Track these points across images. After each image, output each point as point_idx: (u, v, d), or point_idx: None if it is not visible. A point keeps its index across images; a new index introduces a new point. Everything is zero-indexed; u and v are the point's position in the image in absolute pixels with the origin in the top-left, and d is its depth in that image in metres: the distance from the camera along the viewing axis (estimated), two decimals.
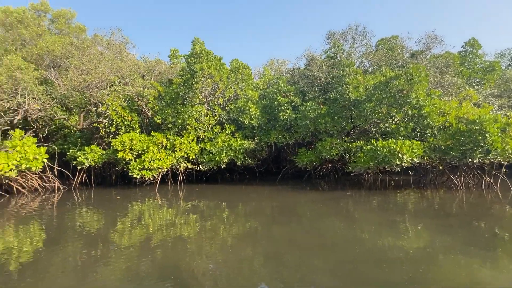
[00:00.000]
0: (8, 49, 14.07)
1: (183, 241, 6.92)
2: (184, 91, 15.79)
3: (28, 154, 11.77)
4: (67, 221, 9.07)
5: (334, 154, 13.27)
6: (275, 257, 5.82)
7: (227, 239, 7.05)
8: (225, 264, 5.52)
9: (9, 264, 5.57)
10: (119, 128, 16.38)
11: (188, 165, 16.20)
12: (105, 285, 4.73)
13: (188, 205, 11.23)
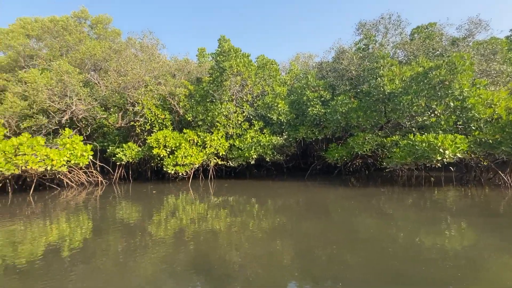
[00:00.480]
0: (55, 55, 15.46)
1: (214, 234, 7.12)
2: (213, 88, 16.16)
3: (77, 151, 12.86)
4: (110, 212, 9.81)
5: (367, 150, 12.82)
6: (305, 252, 5.78)
7: (257, 233, 7.13)
8: (255, 258, 5.57)
9: (63, 250, 6.21)
10: (153, 126, 17.24)
11: (218, 161, 16.64)
12: (143, 272, 5.05)
13: (218, 200, 11.53)
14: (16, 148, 11.13)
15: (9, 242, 6.81)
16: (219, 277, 4.83)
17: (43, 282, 4.75)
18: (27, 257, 5.80)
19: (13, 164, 11.12)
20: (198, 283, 4.72)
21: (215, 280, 4.73)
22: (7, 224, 8.38)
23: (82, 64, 15.60)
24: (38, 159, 11.48)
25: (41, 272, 5.12)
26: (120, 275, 4.96)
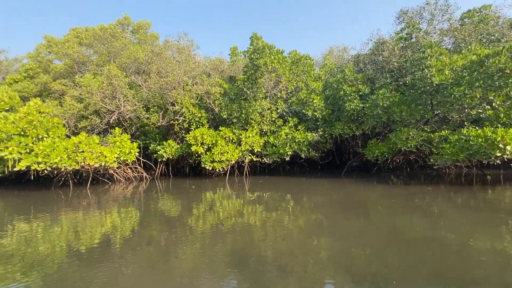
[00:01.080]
0: (104, 60, 16.89)
1: (250, 229, 7.21)
2: (248, 86, 16.38)
3: (125, 148, 13.95)
4: (153, 205, 10.48)
5: (411, 146, 12.06)
6: (342, 251, 5.61)
7: (292, 230, 7.07)
8: (291, 254, 5.53)
9: (115, 238, 6.82)
10: (191, 124, 18.02)
11: (252, 157, 16.89)
12: (184, 263, 5.33)
13: (253, 196, 11.68)
14: (76, 146, 12.41)
15: (72, 229, 7.65)
16: (254, 271, 4.89)
17: (98, 265, 5.28)
18: (86, 243, 6.44)
19: (74, 160, 12.41)
20: (233, 276, 4.83)
21: (250, 274, 4.80)
22: (70, 214, 9.39)
23: (126, 68, 16.81)
24: (94, 156, 12.69)
25: (96, 257, 5.67)
26: (163, 264, 5.29)
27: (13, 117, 11.65)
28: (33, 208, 10.60)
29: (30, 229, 7.79)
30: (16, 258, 5.77)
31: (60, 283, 4.69)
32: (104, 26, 17.73)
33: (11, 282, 4.76)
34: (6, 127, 11.35)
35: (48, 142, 11.67)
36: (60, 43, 18.00)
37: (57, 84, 15.86)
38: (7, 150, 11.40)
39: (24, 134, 12.03)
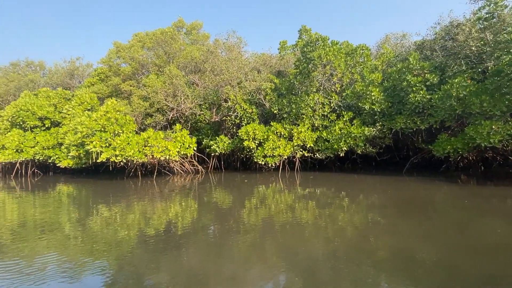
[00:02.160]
0: (164, 61, 18.29)
1: (301, 225, 7.06)
2: (300, 80, 16.12)
3: (186, 143, 14.96)
4: (209, 197, 11.05)
5: (495, 141, 10.56)
6: (402, 255, 5.10)
7: (346, 228, 6.72)
8: (344, 253, 5.23)
9: (177, 225, 7.39)
10: (242, 120, 18.49)
11: (304, 153, 16.66)
12: (236, 252, 5.45)
13: (305, 191, 11.50)
14: (145, 141, 13.73)
15: (142, 215, 8.52)
16: (304, 268, 4.73)
17: (163, 250, 5.71)
18: (153, 229, 7.10)
19: (143, 153, 13.75)
20: (282, 270, 4.76)
21: (300, 271, 4.66)
22: (140, 201, 10.48)
23: (183, 68, 17.91)
24: (160, 150, 13.89)
25: (162, 242, 6.19)
26: (218, 253, 5.49)
27: (95, 115, 13.35)
28: (111, 195, 12.09)
29: (110, 213, 8.86)
30: (99, 237, 6.59)
31: (131, 263, 5.13)
32: (164, 30, 19.14)
33: (94, 258, 5.44)
34: (91, 124, 13.06)
35: (124, 137, 13.12)
36: (127, 48, 19.95)
37: (125, 85, 17.71)
38: (91, 144, 13.13)
39: (103, 130, 13.70)
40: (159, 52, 19.11)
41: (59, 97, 21.51)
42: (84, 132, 12.82)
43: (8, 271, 5.02)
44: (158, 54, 19.98)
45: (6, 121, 20.72)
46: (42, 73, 30.76)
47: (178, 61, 17.66)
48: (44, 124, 20.57)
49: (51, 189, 15.01)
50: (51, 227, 7.57)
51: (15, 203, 11.26)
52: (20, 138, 19.50)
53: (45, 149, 19.39)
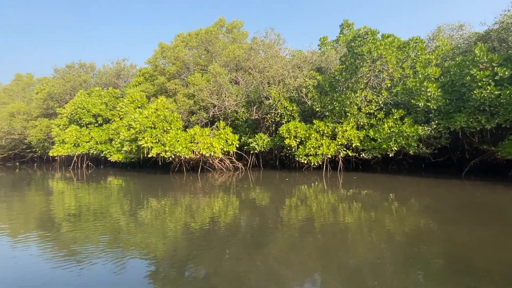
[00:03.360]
0: (208, 60, 18.76)
1: (344, 227, 6.65)
2: (346, 77, 15.46)
3: (229, 140, 15.16)
4: (249, 194, 11.06)
5: None
6: (459, 264, 4.55)
7: (394, 233, 6.13)
8: (392, 261, 4.74)
9: (219, 221, 7.50)
10: (282, 118, 18.28)
11: (348, 152, 15.99)
12: (274, 251, 5.30)
13: (349, 192, 10.98)
14: (192, 137, 14.16)
15: (188, 209, 8.78)
16: (346, 273, 4.40)
17: (206, 244, 5.75)
18: (197, 223, 7.26)
19: (190, 150, 14.20)
20: (321, 273, 4.50)
21: (341, 276, 4.33)
22: (187, 195, 10.85)
23: (225, 66, 18.18)
24: (205, 146, 14.25)
25: (205, 237, 6.25)
26: (257, 250, 5.43)
27: (147, 112, 14.07)
28: (160, 189, 12.67)
29: (159, 206, 9.27)
30: (147, 228, 6.91)
31: (175, 255, 5.23)
32: (209, 29, 19.64)
33: (140, 247, 5.68)
34: (143, 120, 13.80)
35: (173, 134, 13.66)
36: (171, 48, 20.78)
37: (171, 84, 18.47)
38: (143, 140, 13.87)
39: (153, 127, 14.40)
40: (202, 51, 19.60)
41: (109, 95, 23.15)
42: (137, 128, 13.60)
43: (59, 253, 5.48)
44: (201, 53, 20.51)
45: (65, 118, 22.79)
46: (92, 73, 33.36)
47: (221, 59, 17.95)
48: (97, 121, 22.29)
49: (103, 181, 16.20)
50: (103, 216, 8.17)
51: (72, 193, 12.34)
52: (77, 133, 21.33)
53: (98, 143, 20.99)
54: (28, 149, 30.26)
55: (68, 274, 4.57)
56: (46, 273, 4.64)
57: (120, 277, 4.44)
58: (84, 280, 4.37)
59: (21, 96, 34.94)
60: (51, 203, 10.51)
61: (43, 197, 11.63)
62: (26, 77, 44.77)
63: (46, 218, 8.16)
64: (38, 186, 14.95)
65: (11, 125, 26.75)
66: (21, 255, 5.40)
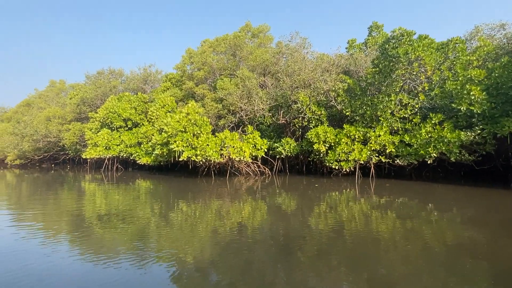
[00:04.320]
0: (235, 65, 18.94)
1: (376, 237, 6.23)
2: (379, 80, 14.94)
3: (258, 144, 15.07)
4: (277, 199, 10.85)
5: None
6: (509, 278, 4.12)
7: (433, 246, 5.64)
8: (431, 277, 4.32)
9: (247, 226, 7.36)
10: (310, 122, 17.96)
11: (381, 158, 15.35)
12: (302, 260, 5.09)
13: (382, 200, 10.44)
14: (222, 141, 14.22)
15: (217, 213, 8.78)
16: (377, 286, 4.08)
17: (235, 251, 5.70)
18: (226, 228, 7.22)
19: (219, 154, 14.25)
20: (347, 284, 4.26)
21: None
22: (215, 200, 10.88)
23: (253, 70, 18.21)
24: (235, 150, 14.24)
25: (233, 239, 6.28)
26: (284, 259, 5.20)
27: (178, 116, 14.32)
28: (189, 192, 12.76)
29: (188, 209, 9.37)
30: (176, 231, 7.00)
31: (201, 259, 5.20)
32: (237, 34, 19.87)
33: (167, 248, 5.75)
34: (175, 124, 14.05)
35: (204, 138, 13.78)
36: (198, 54, 21.20)
37: (199, 88, 18.79)
38: (175, 144, 14.10)
39: (184, 131, 14.61)
40: (229, 56, 19.79)
41: (138, 100, 23.94)
42: (169, 132, 13.86)
43: (87, 252, 5.66)
44: (228, 58, 20.72)
45: (97, 122, 23.81)
46: (121, 79, 34.77)
47: (248, 64, 18.02)
48: (127, 125, 23.08)
49: (132, 183, 16.63)
50: (132, 217, 8.39)
51: (104, 194, 12.74)
52: (108, 137, 22.18)
53: (128, 147, 21.68)
54: (62, 151, 31.90)
55: (93, 272, 4.71)
56: (73, 270, 4.82)
57: (144, 278, 4.51)
58: (109, 279, 4.47)
59: (55, 101, 37.05)
60: (84, 203, 10.97)
61: (76, 197, 12.19)
62: (59, 83, 47.48)
63: (77, 218, 8.55)
64: (71, 187, 15.63)
65: (48, 129, 28.36)
66: (51, 252, 5.68)
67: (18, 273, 4.69)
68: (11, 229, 7.31)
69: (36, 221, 8.20)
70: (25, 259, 5.28)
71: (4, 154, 33.57)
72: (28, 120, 30.57)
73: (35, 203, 11.02)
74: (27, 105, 43.67)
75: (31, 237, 6.59)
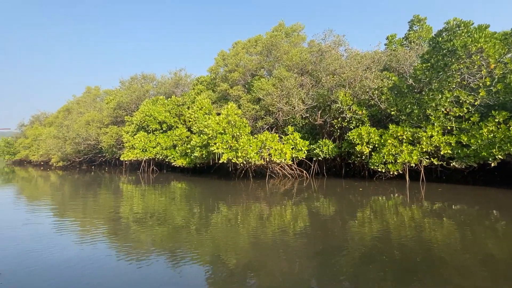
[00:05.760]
0: (270, 65, 18.66)
1: (428, 247, 5.60)
2: (430, 76, 13.82)
3: (298, 145, 14.56)
4: (318, 204, 10.32)
5: None
6: None
7: (498, 257, 4.94)
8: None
9: (288, 232, 7.01)
10: (350, 123, 17.10)
11: (433, 160, 14.17)
12: (342, 270, 4.74)
13: (434, 206, 9.55)
14: (263, 143, 13.90)
15: (258, 217, 8.55)
16: None
17: (278, 255, 5.51)
18: (267, 232, 6.98)
19: (260, 156, 13.93)
20: None
21: None
22: (255, 203, 10.57)
23: (289, 70, 17.77)
24: (276, 152, 13.85)
25: (271, 243, 6.09)
26: (323, 265, 5.00)
27: (218, 118, 14.23)
28: (226, 194, 12.54)
29: (229, 212, 9.26)
30: (218, 232, 6.94)
31: (238, 262, 5.07)
32: (272, 34, 19.59)
33: (204, 250, 5.71)
34: (215, 126, 13.97)
35: (245, 139, 13.54)
36: (231, 56, 21.18)
37: (234, 90, 18.69)
38: (215, 146, 14.00)
39: (224, 133, 14.48)
40: (263, 57, 19.52)
41: (172, 103, 24.42)
42: (210, 134, 13.80)
43: (121, 251, 5.77)
44: (262, 58, 20.45)
45: (133, 125, 24.61)
46: (153, 84, 35.91)
47: (284, 63, 17.62)
48: (162, 127, 23.61)
49: (168, 184, 16.82)
50: (166, 218, 8.46)
51: (140, 195, 12.93)
52: (144, 139, 22.80)
53: (164, 149, 22.12)
54: (99, 153, 33.47)
55: (127, 271, 4.79)
56: (107, 267, 4.95)
57: (179, 279, 4.50)
58: (143, 278, 4.48)
59: (93, 106, 39.12)
60: (124, 204, 11.22)
61: (115, 198, 12.55)
62: (94, 90, 50.20)
63: (115, 217, 8.80)
64: (109, 188, 16.15)
65: (88, 132, 29.88)
66: (87, 248, 5.97)
67: (57, 268, 4.89)
68: (52, 226, 7.81)
69: (76, 219, 8.69)
70: (64, 255, 5.57)
71: (49, 156, 35.92)
72: (70, 124, 32.45)
73: (76, 202, 11.57)
74: (66, 110, 46.61)
75: (70, 234, 6.98)
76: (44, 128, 47.91)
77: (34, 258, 5.40)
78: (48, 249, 5.92)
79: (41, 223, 8.22)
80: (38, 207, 10.83)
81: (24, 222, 8.30)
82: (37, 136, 43.84)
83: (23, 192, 15.58)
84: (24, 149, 46.77)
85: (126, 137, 23.68)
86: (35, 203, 11.82)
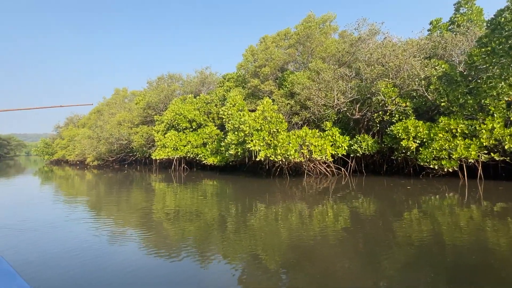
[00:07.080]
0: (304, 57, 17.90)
1: (487, 249, 5.09)
2: (491, 62, 12.39)
3: (338, 142, 13.74)
4: (359, 203, 9.65)
5: None
6: None
7: None
8: None
9: (328, 234, 6.51)
10: (392, 116, 15.93)
11: (494, 156, 12.73)
12: (386, 274, 4.40)
13: (495, 207, 8.58)
14: (302, 139, 13.25)
15: (298, 216, 8.04)
16: None
17: (318, 257, 5.15)
18: (306, 231, 6.62)
19: (300, 153, 13.29)
20: None
21: None
22: (294, 202, 10.02)
23: (324, 61, 16.89)
24: (317, 149, 13.14)
25: (312, 245, 5.68)
26: (364, 268, 4.62)
27: (254, 114, 13.77)
28: (268, 195, 12.01)
29: (267, 211, 8.89)
30: (252, 232, 6.68)
31: (273, 265, 4.81)
32: (307, 25, 18.77)
33: (236, 250, 5.53)
34: (252, 123, 13.52)
35: (284, 136, 12.96)
36: (259, 51, 20.63)
37: (266, 85, 18.16)
38: (252, 143, 13.56)
39: (260, 129, 14.00)
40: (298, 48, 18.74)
41: (201, 102, 24.40)
42: (246, 131, 13.39)
43: (151, 245, 5.88)
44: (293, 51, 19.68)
45: (163, 124, 24.91)
46: (179, 83, 36.34)
47: (319, 55, 16.76)
48: (191, 126, 23.67)
49: (199, 182, 16.63)
50: (199, 216, 8.26)
51: (172, 193, 12.84)
52: (175, 138, 22.96)
53: (194, 147, 22.15)
54: (130, 152, 34.51)
55: (157, 267, 4.78)
56: (140, 264, 4.94)
57: (209, 276, 4.42)
58: (175, 275, 4.45)
59: (122, 107, 40.43)
60: (157, 201, 11.21)
61: (147, 196, 12.56)
62: (122, 91, 51.99)
63: (148, 214, 8.74)
64: (141, 186, 16.29)
65: (120, 132, 30.84)
66: (119, 244, 6.05)
67: (89, 265, 4.95)
68: (87, 223, 7.96)
69: (108, 215, 8.83)
70: (96, 250, 5.66)
71: (84, 156, 37.68)
72: (103, 125, 33.71)
73: (110, 200, 11.78)
74: (97, 112, 48.71)
75: (103, 230, 7.10)
76: (78, 129, 50.49)
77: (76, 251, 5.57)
78: (80, 247, 6.05)
79: (81, 219, 8.45)
80: (78, 204, 11.12)
81: (65, 219, 8.53)
82: (72, 137, 46.23)
83: (63, 189, 16.18)
84: (61, 149, 49.55)
85: (157, 136, 24.01)
86: (75, 200, 12.19)
